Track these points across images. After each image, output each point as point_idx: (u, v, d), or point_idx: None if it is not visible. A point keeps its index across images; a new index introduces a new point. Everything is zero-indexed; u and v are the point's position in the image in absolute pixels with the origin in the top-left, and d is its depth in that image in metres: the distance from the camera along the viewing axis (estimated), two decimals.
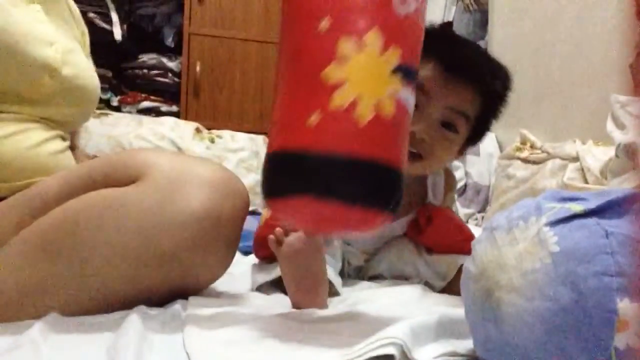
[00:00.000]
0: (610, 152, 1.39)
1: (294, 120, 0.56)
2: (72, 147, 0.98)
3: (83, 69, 0.92)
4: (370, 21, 0.56)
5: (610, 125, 1.33)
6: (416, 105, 0.89)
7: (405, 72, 0.58)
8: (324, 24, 0.56)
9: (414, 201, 1.04)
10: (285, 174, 0.57)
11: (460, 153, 1.01)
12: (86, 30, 1.06)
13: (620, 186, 1.24)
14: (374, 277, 1.04)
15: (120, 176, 0.73)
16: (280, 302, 0.82)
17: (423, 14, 0.61)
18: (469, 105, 0.93)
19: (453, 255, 0.95)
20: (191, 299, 0.75)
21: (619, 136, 1.29)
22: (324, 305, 0.77)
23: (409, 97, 0.59)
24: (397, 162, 0.58)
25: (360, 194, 0.55)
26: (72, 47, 0.92)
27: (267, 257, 0.91)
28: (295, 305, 0.77)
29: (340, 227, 0.59)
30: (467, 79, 0.92)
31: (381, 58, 0.56)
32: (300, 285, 0.76)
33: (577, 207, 0.45)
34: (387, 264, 1.02)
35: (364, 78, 0.55)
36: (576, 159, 1.56)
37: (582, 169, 1.51)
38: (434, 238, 0.99)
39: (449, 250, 0.97)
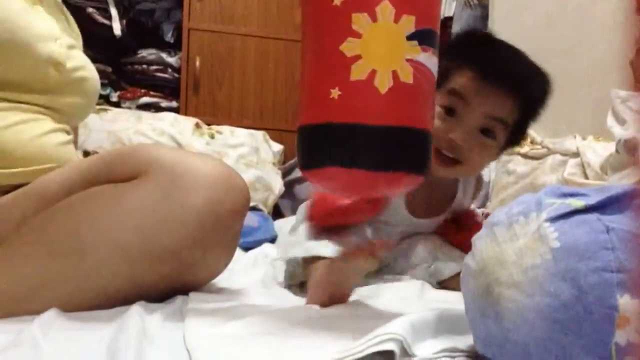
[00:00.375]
0: (611, 147, 1.39)
1: (318, 94, 0.59)
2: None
3: (84, 62, 0.96)
4: None
5: (610, 121, 1.33)
6: (454, 112, 0.93)
7: (421, 37, 0.59)
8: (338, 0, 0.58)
9: (445, 201, 1.06)
10: (312, 147, 0.60)
11: (498, 156, 1.04)
12: (79, 34, 1.09)
13: (620, 182, 1.24)
14: (380, 270, 1.05)
15: (120, 172, 0.73)
16: (280, 298, 0.82)
17: None
18: (507, 112, 0.94)
19: None
20: (192, 294, 0.75)
21: (619, 131, 1.28)
22: None
23: (429, 60, 0.60)
24: (420, 124, 0.60)
25: (384, 160, 0.58)
26: (73, 43, 0.96)
27: (324, 229, 0.85)
28: (312, 301, 0.75)
29: (371, 191, 0.63)
30: (505, 86, 0.92)
31: (395, 27, 0.58)
32: (332, 290, 0.75)
33: (577, 203, 0.45)
34: (405, 248, 1.04)
35: (379, 49, 0.58)
36: (576, 154, 1.56)
37: (583, 165, 1.51)
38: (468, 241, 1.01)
39: None
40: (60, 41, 0.89)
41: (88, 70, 0.97)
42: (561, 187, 0.49)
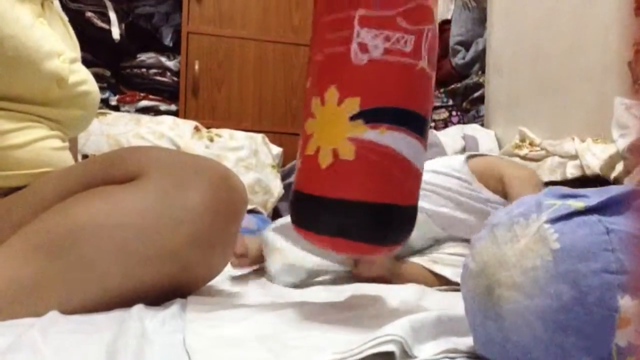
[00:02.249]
0: (610, 149, 1.39)
1: (297, 162, 0.69)
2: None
3: (86, 76, 0.96)
4: (330, 79, 0.65)
5: (615, 133, 1.34)
6: None
7: (369, 115, 0.63)
8: (308, 84, 0.68)
9: None
10: (290, 207, 0.69)
11: None
12: (77, 44, 1.09)
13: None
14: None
15: (119, 173, 0.73)
16: (279, 299, 0.82)
17: (404, 49, 0.64)
18: None
19: None
20: (190, 297, 0.75)
21: (622, 142, 1.29)
22: None
23: (383, 136, 0.63)
24: (360, 196, 0.63)
25: (323, 227, 0.64)
26: (75, 56, 0.95)
27: None
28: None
29: (320, 246, 0.68)
30: None
31: (337, 109, 0.64)
32: None
33: (577, 204, 0.45)
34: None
35: (324, 129, 0.65)
36: (575, 157, 1.56)
37: (582, 167, 1.51)
38: None
39: None
40: (63, 57, 0.88)
41: (89, 84, 0.96)
42: (561, 188, 0.49)
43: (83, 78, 0.94)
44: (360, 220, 0.64)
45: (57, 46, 0.89)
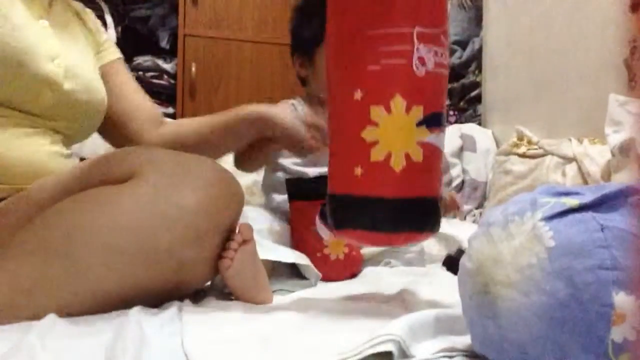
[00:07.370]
0: (606, 151, 1.40)
1: (344, 171, 0.71)
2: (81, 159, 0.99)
3: (87, 83, 0.90)
4: (394, 88, 0.68)
5: (607, 129, 1.34)
6: None
7: (429, 121, 0.69)
8: (358, 94, 0.69)
9: None
10: (341, 213, 0.72)
11: None
12: (105, 40, 1.05)
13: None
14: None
15: (115, 174, 0.73)
16: (278, 299, 0.82)
17: (444, 62, 0.72)
18: None
19: None
20: (187, 299, 0.75)
21: (614, 138, 1.29)
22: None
23: (436, 139, 0.71)
24: (429, 192, 0.72)
25: (400, 224, 0.70)
26: (77, 62, 0.90)
27: None
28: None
29: (390, 245, 0.84)
30: None
31: (406, 117, 0.68)
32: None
33: (572, 202, 0.45)
34: None
35: (393, 136, 0.69)
36: (573, 159, 1.56)
37: (582, 172, 1.51)
38: None
39: None
40: (58, 61, 0.84)
41: (91, 92, 0.90)
42: (556, 186, 0.49)
43: (83, 85, 0.89)
44: (426, 213, 0.72)
45: (53, 49, 0.85)
